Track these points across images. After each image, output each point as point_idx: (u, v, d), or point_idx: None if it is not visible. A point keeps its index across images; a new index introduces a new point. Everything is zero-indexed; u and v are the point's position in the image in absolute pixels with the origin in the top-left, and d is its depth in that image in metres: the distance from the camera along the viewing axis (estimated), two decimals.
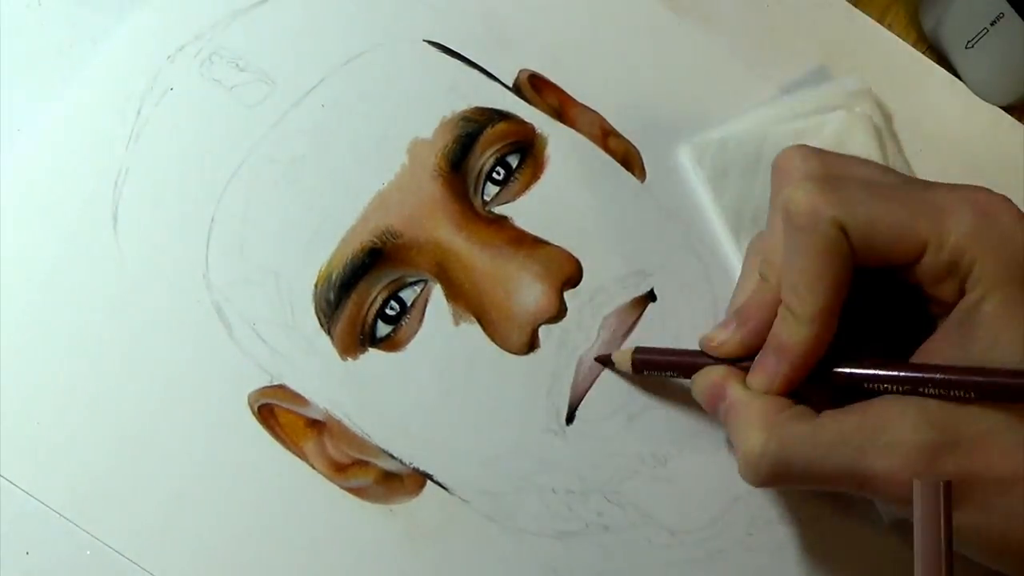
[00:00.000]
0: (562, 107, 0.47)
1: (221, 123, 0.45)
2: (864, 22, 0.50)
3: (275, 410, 0.43)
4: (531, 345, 0.44)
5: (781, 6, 0.50)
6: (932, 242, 0.36)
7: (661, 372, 0.42)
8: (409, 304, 0.44)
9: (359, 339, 0.43)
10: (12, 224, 0.43)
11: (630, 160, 0.47)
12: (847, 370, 0.38)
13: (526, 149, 0.46)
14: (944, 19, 0.49)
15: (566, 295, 0.44)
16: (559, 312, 0.44)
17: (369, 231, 0.44)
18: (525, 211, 0.45)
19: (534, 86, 0.47)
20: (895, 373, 0.37)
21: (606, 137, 0.47)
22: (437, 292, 0.44)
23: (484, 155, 0.45)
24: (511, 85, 0.47)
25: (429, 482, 0.43)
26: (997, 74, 0.49)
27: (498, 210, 0.45)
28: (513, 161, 0.46)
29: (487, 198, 0.45)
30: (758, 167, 0.47)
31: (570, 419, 0.43)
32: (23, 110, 0.44)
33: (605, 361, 0.44)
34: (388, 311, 0.43)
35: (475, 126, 0.46)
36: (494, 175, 0.45)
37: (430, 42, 0.47)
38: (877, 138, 0.47)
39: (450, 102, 0.46)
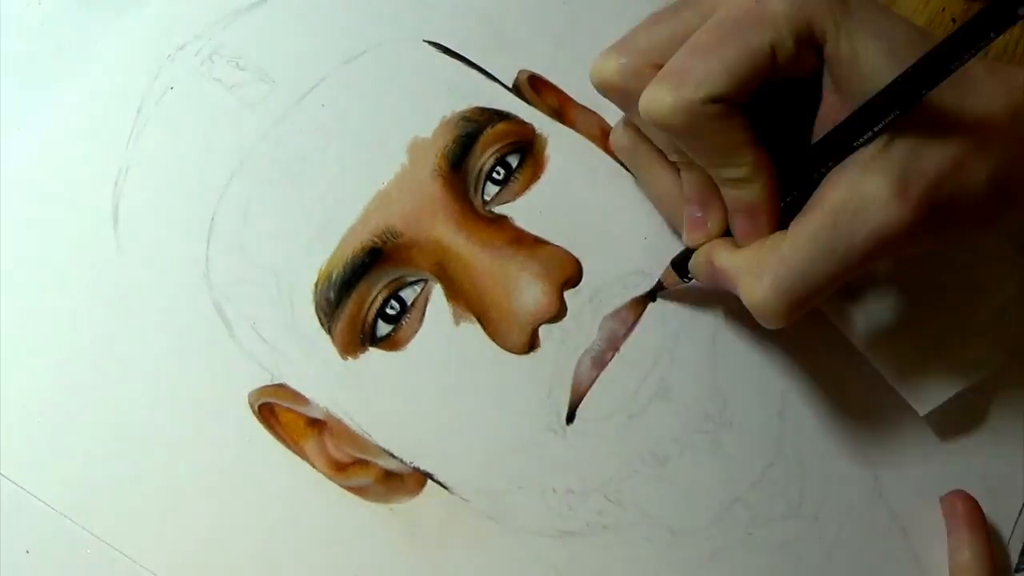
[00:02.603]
0: (562, 107, 0.47)
1: (221, 123, 0.45)
2: None
3: (275, 409, 0.43)
4: (531, 345, 0.44)
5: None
6: (775, 43, 0.36)
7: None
8: (409, 304, 0.44)
9: (359, 338, 0.43)
10: (12, 224, 0.43)
11: None
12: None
13: (526, 149, 0.46)
14: None
15: (566, 295, 0.44)
16: (559, 312, 0.44)
17: (369, 230, 0.44)
18: (525, 211, 0.45)
19: (534, 86, 0.47)
20: (816, 149, 0.38)
21: (606, 137, 0.47)
22: (437, 292, 0.44)
23: (484, 155, 0.45)
24: (511, 85, 0.47)
25: (430, 481, 0.43)
26: None
27: (498, 210, 0.45)
28: (513, 161, 0.46)
29: (487, 198, 0.45)
30: None
31: (570, 419, 0.43)
32: (23, 109, 0.44)
33: (661, 294, 0.44)
34: (388, 310, 0.43)
35: (475, 126, 0.46)
36: (494, 175, 0.45)
37: (430, 42, 0.47)
38: None
39: (450, 102, 0.46)
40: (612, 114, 0.48)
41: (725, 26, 0.37)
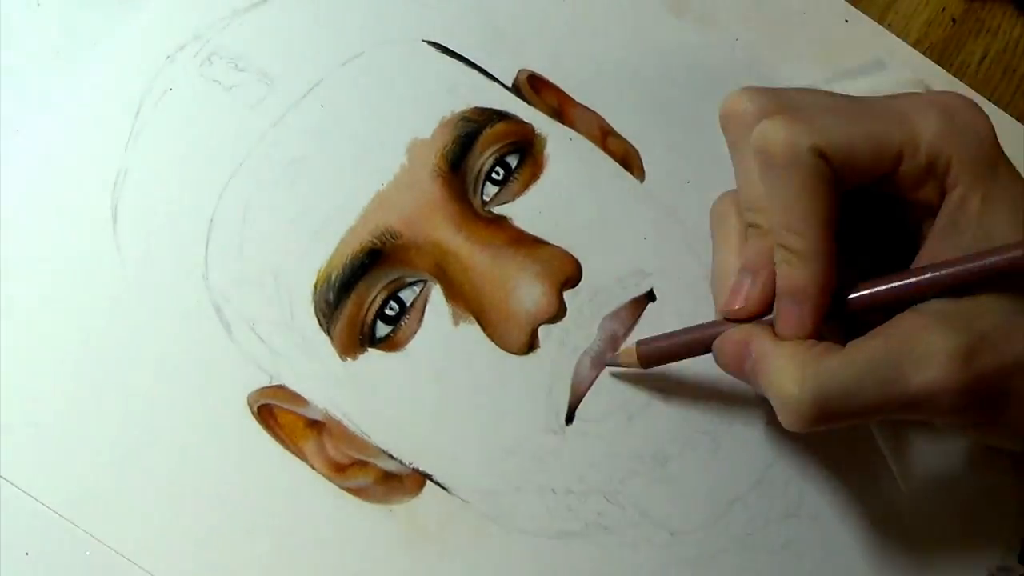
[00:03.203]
0: (561, 107, 0.47)
1: (221, 123, 0.45)
2: (864, 22, 0.50)
3: (274, 410, 0.43)
4: (531, 345, 0.44)
5: (781, 6, 0.50)
6: (907, 148, 0.36)
7: (671, 360, 0.42)
8: (408, 304, 0.44)
9: (359, 339, 0.43)
10: (12, 224, 0.43)
11: (629, 160, 0.47)
12: (862, 293, 0.38)
13: (525, 149, 0.46)
14: None
15: (566, 295, 0.44)
16: (559, 312, 0.44)
17: (368, 231, 0.44)
18: (524, 211, 0.45)
19: (533, 86, 0.47)
20: (910, 281, 0.37)
21: (605, 137, 0.47)
22: (436, 292, 0.44)
23: (483, 155, 0.45)
24: (510, 85, 0.47)
25: (429, 482, 0.43)
26: None
27: (497, 210, 0.45)
28: (512, 161, 0.46)
29: (486, 198, 0.45)
30: None
31: (570, 419, 0.43)
32: (23, 110, 0.44)
33: (611, 363, 0.43)
34: (387, 311, 0.43)
35: (474, 126, 0.46)
36: (493, 175, 0.45)
37: (429, 42, 0.47)
38: None
39: (449, 102, 0.46)
40: (611, 114, 0.48)
41: (874, 108, 0.37)
